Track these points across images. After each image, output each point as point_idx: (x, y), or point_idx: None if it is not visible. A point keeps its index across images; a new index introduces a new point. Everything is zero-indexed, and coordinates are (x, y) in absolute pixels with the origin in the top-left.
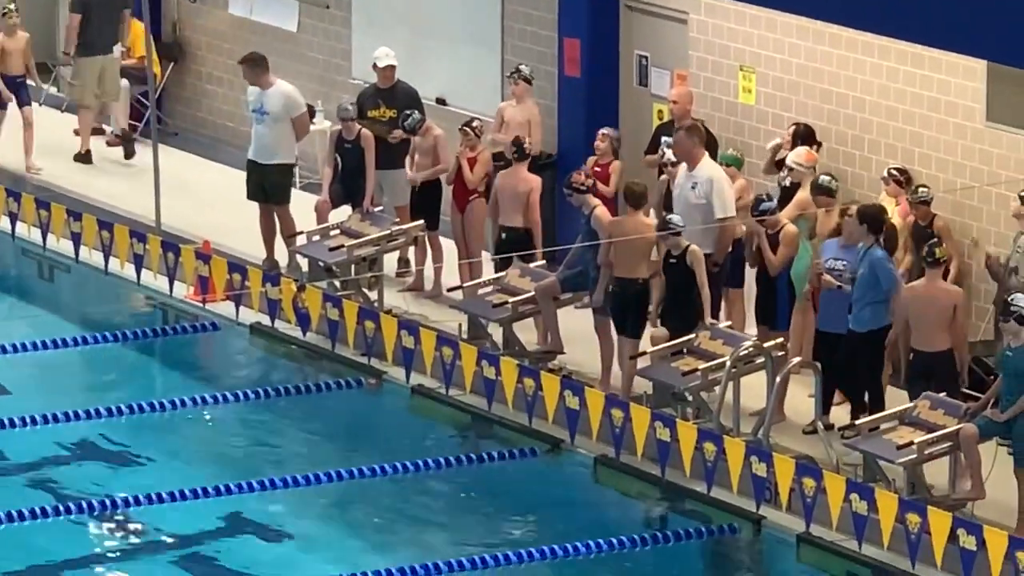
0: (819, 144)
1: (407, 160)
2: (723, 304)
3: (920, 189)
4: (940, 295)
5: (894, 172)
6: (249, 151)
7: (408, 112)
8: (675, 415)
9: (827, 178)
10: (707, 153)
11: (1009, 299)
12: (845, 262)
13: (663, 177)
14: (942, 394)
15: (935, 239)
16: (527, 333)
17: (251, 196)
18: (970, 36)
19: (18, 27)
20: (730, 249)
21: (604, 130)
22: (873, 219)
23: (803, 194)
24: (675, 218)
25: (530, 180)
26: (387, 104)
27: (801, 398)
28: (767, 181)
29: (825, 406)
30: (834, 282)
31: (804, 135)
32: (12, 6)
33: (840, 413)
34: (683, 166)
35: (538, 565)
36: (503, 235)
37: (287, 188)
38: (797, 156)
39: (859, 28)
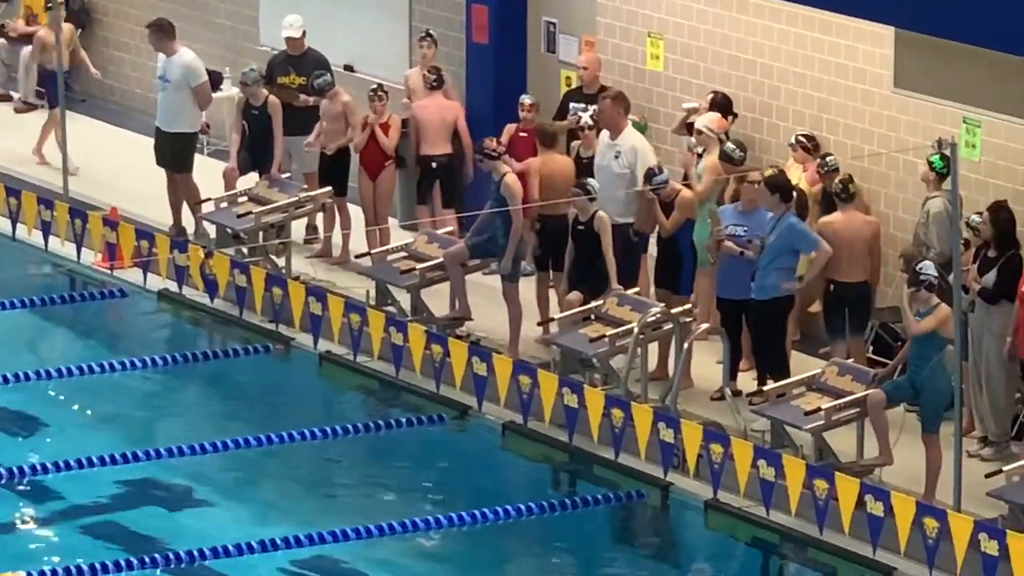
0: (735, 115)
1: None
2: (642, 272)
3: (828, 158)
4: (860, 226)
5: (802, 139)
6: (156, 118)
7: (319, 73)
8: (583, 381)
9: (732, 146)
10: (630, 122)
11: (917, 267)
12: (745, 228)
13: (575, 143)
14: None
15: (847, 175)
16: (435, 300)
17: (159, 163)
18: (878, 2)
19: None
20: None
21: (529, 99)
22: (783, 187)
23: (711, 159)
24: (592, 182)
25: (454, 107)
26: (297, 71)
27: (709, 364)
28: (673, 147)
29: (732, 372)
30: (736, 248)
31: (721, 104)
32: None
33: (747, 379)
34: (604, 134)
35: (446, 532)
36: (433, 164)
37: (188, 156)
38: (708, 121)
39: None
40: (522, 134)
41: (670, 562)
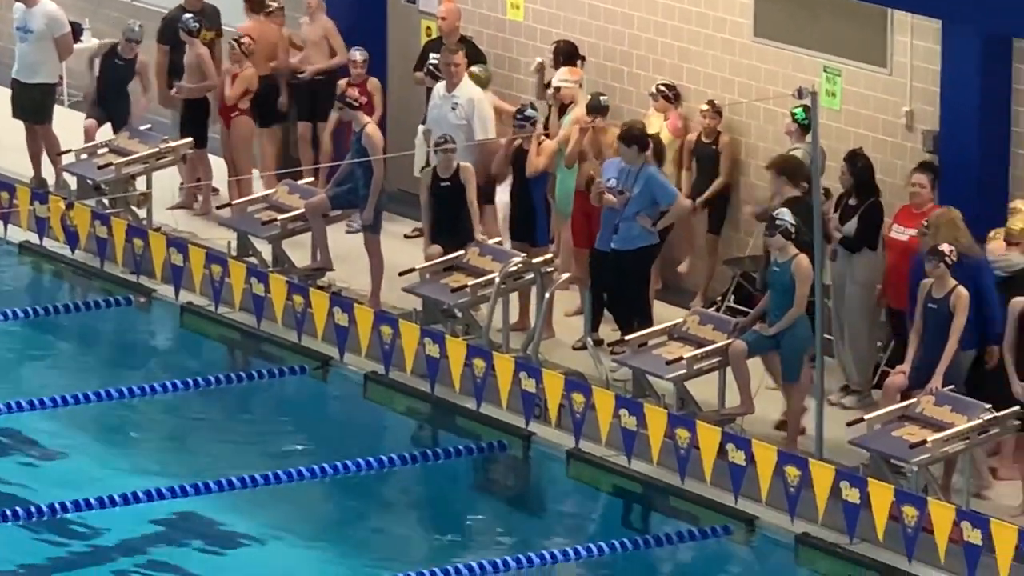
0: (583, 58)
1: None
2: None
3: (710, 105)
4: None
5: (662, 88)
6: (13, 69)
7: (189, 16)
8: (444, 331)
9: (604, 97)
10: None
11: (774, 214)
12: (616, 179)
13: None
14: None
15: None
16: (297, 250)
17: (16, 114)
18: None
19: None
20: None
21: (357, 55)
22: (639, 139)
23: (578, 111)
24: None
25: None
26: (206, 27)
27: (571, 314)
28: (521, 94)
29: (594, 322)
30: (613, 200)
31: (566, 52)
32: None
33: (609, 329)
34: (440, 86)
35: (308, 483)
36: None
37: (49, 107)
38: (562, 75)
39: None
40: (352, 89)
41: (532, 512)
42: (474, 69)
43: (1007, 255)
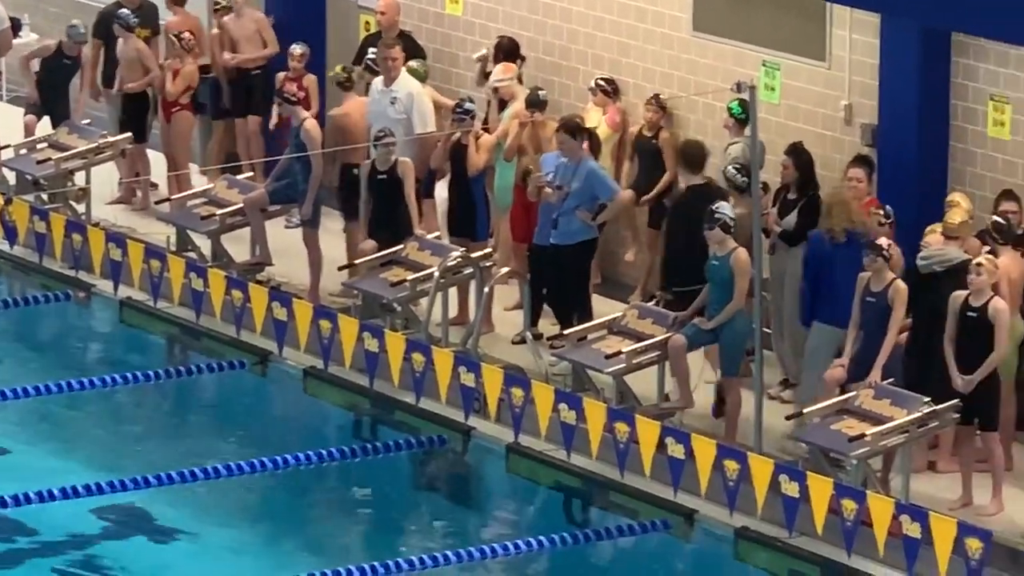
0: (523, 58)
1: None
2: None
3: (654, 99)
4: None
5: (601, 82)
6: None
7: (126, 11)
8: (384, 326)
9: (543, 92)
10: (405, 70)
11: (714, 207)
12: (552, 173)
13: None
14: None
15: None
16: (236, 245)
17: None
18: None
19: None
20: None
21: (297, 49)
22: (584, 130)
23: (517, 106)
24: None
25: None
26: (142, 24)
27: (511, 308)
28: (462, 87)
29: (534, 316)
30: (553, 194)
31: (507, 49)
32: None
33: (549, 323)
34: (377, 81)
35: (247, 478)
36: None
37: None
38: (497, 74)
39: None
40: (291, 83)
41: (472, 507)
42: (412, 64)
43: (944, 249)
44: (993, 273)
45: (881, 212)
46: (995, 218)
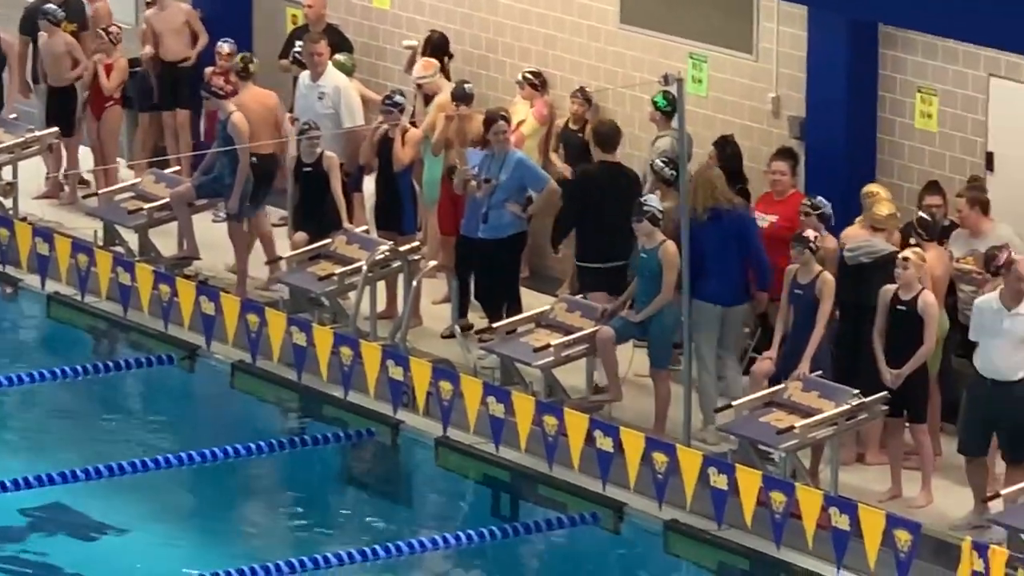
0: (451, 55)
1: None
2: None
3: (580, 92)
4: None
5: (528, 76)
6: None
7: (52, 6)
8: (311, 320)
9: (469, 85)
10: (331, 64)
11: (642, 199)
12: (478, 167)
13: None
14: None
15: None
16: (163, 239)
17: None
18: None
19: None
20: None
21: (225, 47)
22: (509, 119)
23: (442, 98)
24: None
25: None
26: (68, 19)
27: (439, 301)
28: (387, 81)
29: (462, 310)
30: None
31: (436, 43)
32: None
33: (477, 316)
34: (304, 75)
35: (176, 471)
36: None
37: None
38: (417, 72)
39: None
40: (218, 77)
41: (401, 501)
42: (339, 57)
43: (871, 240)
44: (920, 267)
45: (807, 204)
46: (920, 214)
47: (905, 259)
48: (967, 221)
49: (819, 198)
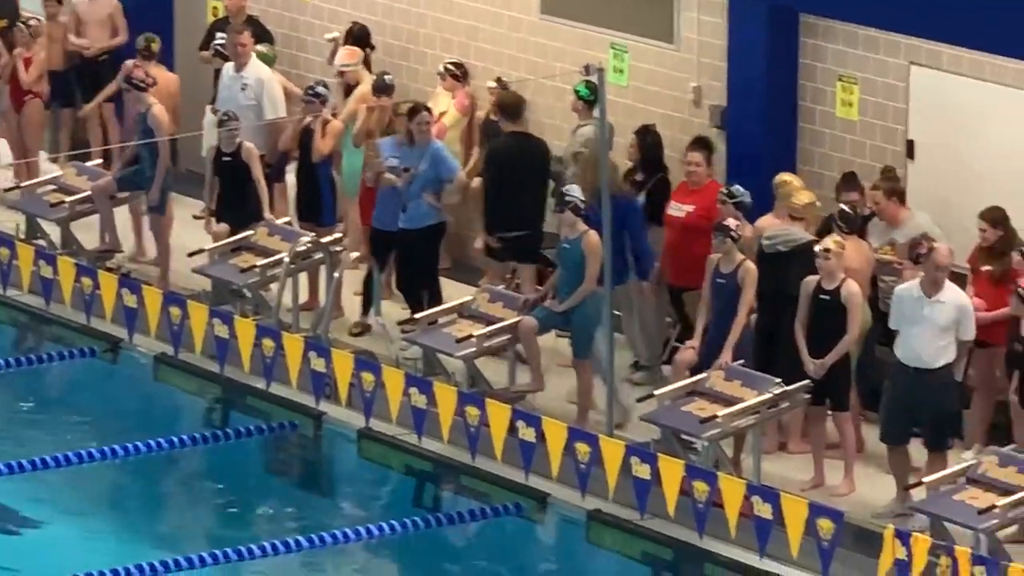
0: (372, 47)
1: None
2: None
3: (498, 82)
4: None
5: (450, 66)
6: None
7: None
8: (234, 312)
9: (390, 76)
10: (255, 55)
11: (564, 190)
12: (399, 159)
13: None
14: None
15: None
16: (85, 232)
17: None
18: None
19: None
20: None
21: (144, 40)
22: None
23: (363, 89)
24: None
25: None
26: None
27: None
28: (309, 73)
29: (371, 303)
30: (395, 180)
31: (358, 35)
32: None
33: (400, 308)
34: (228, 66)
35: (99, 465)
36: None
37: None
38: (341, 60)
39: None
40: (139, 69)
41: (324, 492)
42: (260, 48)
43: (789, 229)
44: (841, 256)
45: (724, 192)
46: (841, 206)
47: (827, 250)
48: (885, 212)
49: (736, 186)
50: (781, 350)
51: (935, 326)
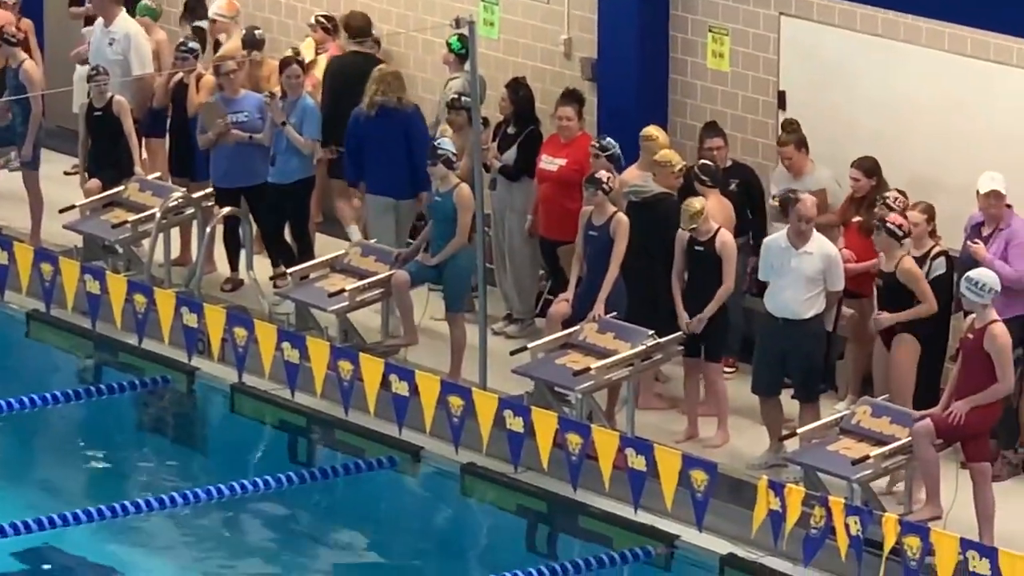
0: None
1: None
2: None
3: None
4: None
5: (321, 19)
6: None
7: None
8: (105, 267)
9: (260, 31)
10: (124, 9)
11: (436, 143)
12: (246, 113)
13: (86, 29)
14: None
15: None
16: None
17: None
18: None
19: None
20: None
21: None
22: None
23: (232, 44)
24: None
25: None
26: None
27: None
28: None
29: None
30: (243, 135)
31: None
32: None
33: (268, 264)
34: (99, 21)
35: None
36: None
37: None
38: (218, 8)
39: None
40: (8, 25)
41: (197, 448)
42: (145, 1)
43: (647, 183)
44: (704, 205)
45: (596, 145)
46: (701, 160)
47: (700, 210)
48: (794, 164)
49: (608, 139)
50: (646, 301)
51: (803, 277)
